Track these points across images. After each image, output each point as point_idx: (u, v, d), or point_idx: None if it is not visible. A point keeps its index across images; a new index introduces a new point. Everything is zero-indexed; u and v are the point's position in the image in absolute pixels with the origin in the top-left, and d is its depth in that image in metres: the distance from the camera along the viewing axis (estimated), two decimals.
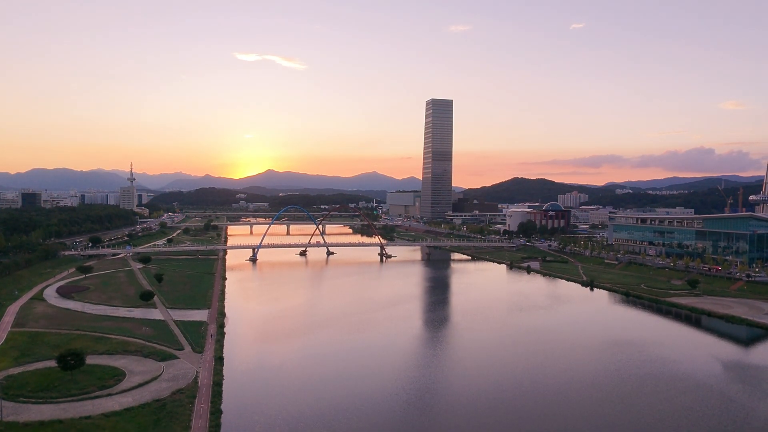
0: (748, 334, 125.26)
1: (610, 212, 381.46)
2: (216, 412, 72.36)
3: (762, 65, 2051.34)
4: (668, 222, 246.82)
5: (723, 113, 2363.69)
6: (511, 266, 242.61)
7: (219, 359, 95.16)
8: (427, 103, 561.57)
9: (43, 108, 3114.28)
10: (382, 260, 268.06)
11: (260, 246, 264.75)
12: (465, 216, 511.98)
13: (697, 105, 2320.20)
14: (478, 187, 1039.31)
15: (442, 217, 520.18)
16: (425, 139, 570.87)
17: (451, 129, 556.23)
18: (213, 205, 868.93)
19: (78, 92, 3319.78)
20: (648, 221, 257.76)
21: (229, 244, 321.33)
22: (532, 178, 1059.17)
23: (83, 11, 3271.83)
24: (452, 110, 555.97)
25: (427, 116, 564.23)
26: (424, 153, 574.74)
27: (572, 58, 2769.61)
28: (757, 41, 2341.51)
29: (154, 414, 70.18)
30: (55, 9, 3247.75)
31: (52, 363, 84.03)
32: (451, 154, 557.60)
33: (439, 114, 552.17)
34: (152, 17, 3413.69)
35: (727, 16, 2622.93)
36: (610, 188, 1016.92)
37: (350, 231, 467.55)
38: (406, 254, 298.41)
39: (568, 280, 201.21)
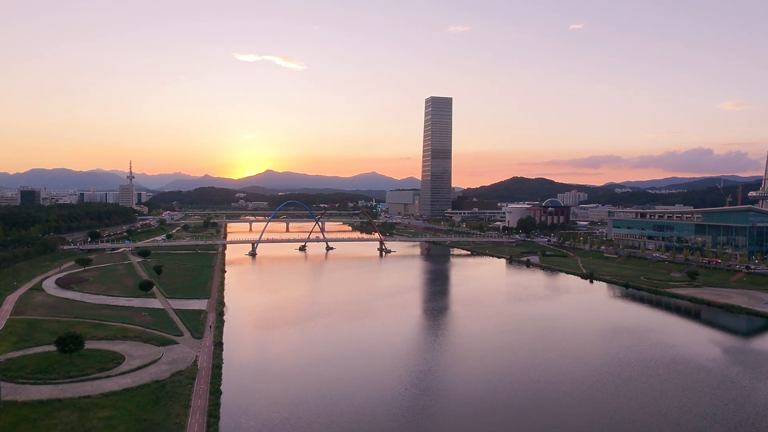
0: (748, 323, 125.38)
1: (609, 209, 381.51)
2: (215, 392, 72.26)
3: (760, 66, 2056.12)
4: (668, 216, 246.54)
5: (721, 114, 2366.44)
6: (510, 260, 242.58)
7: (218, 344, 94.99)
8: (427, 101, 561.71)
9: (42, 108, 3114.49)
10: (381, 255, 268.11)
11: (259, 241, 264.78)
12: (464, 213, 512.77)
13: (695, 105, 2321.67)
14: (478, 186, 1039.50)
15: (442, 214, 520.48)
16: (425, 137, 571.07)
17: (451, 127, 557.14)
18: (212, 204, 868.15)
19: (78, 92, 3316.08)
20: (647, 216, 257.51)
21: (228, 239, 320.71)
22: (532, 178, 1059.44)
23: (83, 11, 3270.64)
24: (452, 108, 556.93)
25: (426, 114, 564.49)
26: (424, 151, 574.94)
27: (571, 58, 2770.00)
28: (755, 42, 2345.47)
29: (153, 394, 70.08)
30: (55, 9, 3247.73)
31: (51, 348, 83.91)
32: (451, 152, 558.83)
33: (439, 112, 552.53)
34: (152, 17, 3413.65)
35: (725, 16, 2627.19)
36: (609, 188, 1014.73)
37: (349, 229, 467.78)
38: (406, 249, 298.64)
39: (567, 273, 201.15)
